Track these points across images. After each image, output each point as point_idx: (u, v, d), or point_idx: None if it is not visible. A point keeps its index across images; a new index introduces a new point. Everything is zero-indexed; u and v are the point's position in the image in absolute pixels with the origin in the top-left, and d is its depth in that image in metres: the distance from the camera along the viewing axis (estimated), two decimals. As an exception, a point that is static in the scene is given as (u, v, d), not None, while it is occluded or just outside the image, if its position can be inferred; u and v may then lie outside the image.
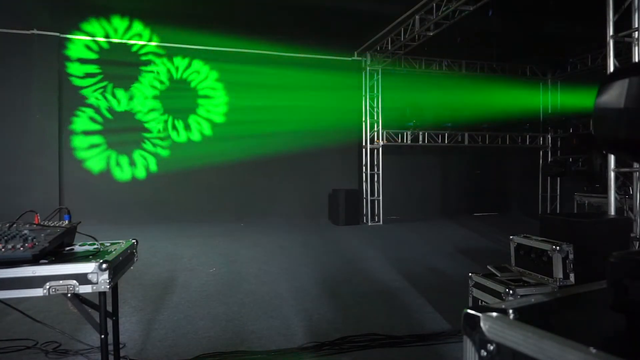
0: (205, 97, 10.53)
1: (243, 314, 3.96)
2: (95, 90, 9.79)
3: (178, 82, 10.36)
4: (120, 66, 9.92)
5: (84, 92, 9.72)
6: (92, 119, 9.79)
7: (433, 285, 4.99)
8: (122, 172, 9.99)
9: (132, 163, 10.06)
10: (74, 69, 9.67)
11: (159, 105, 10.25)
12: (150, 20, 9.93)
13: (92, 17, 9.69)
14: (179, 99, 10.35)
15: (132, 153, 10.07)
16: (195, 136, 10.47)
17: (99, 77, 9.82)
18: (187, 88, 10.41)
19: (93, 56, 9.80)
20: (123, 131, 9.97)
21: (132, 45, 10.01)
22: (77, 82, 9.69)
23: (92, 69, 9.78)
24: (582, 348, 0.71)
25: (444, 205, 12.29)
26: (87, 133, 9.76)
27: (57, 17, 9.36)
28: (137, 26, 10.01)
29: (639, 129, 0.89)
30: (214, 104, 10.57)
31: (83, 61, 9.71)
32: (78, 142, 9.72)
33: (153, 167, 10.18)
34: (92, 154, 9.82)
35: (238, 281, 5.13)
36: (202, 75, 10.51)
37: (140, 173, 10.10)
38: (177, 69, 10.36)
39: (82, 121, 9.73)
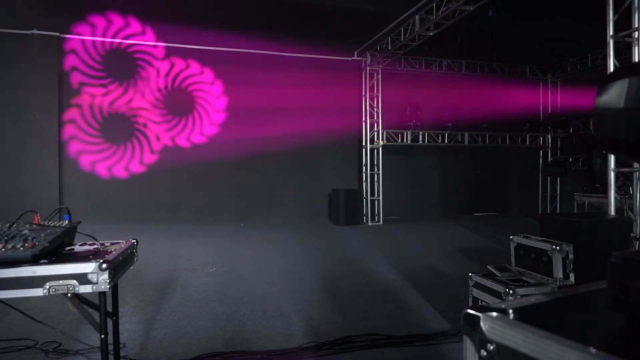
0: (205, 97, 10.52)
1: (243, 314, 3.96)
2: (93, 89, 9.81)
3: (177, 81, 10.35)
4: (119, 64, 9.95)
5: (83, 90, 9.74)
6: (91, 118, 9.79)
7: (433, 285, 4.99)
8: (122, 172, 9.99)
9: (132, 163, 10.05)
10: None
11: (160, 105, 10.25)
12: (147, 19, 9.93)
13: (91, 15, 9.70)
14: (178, 99, 10.34)
15: (132, 153, 10.06)
16: (195, 136, 10.46)
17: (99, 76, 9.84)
18: (186, 88, 10.41)
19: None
20: (120, 130, 10.00)
21: (129, 44, 10.01)
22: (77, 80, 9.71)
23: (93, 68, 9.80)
24: (582, 348, 0.71)
25: (444, 205, 12.28)
26: (85, 132, 9.77)
27: (57, 17, 9.35)
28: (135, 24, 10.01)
29: (639, 129, 0.89)
30: (214, 104, 10.56)
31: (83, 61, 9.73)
32: (77, 140, 9.72)
33: (153, 167, 10.18)
34: (92, 152, 9.83)
35: (238, 281, 5.13)
36: (201, 76, 10.50)
37: (140, 173, 10.09)
38: (175, 68, 10.35)
39: (80, 120, 9.74)
